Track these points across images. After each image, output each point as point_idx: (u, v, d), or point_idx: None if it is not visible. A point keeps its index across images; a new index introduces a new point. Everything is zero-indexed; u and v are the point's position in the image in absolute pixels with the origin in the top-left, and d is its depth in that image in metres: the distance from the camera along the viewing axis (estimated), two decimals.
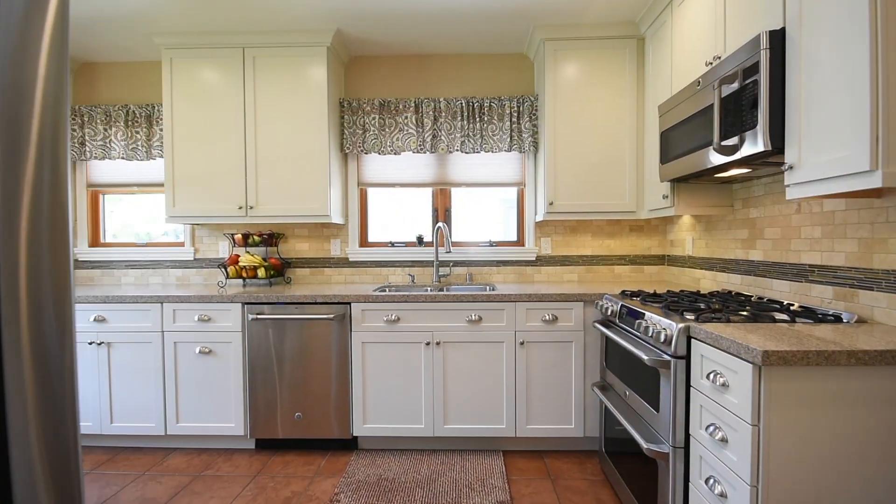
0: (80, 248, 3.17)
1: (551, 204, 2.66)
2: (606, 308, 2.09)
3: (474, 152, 2.93)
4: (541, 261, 3.03)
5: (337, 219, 2.87)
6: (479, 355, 2.38)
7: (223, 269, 2.91)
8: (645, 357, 1.55)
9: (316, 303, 2.42)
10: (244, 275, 2.84)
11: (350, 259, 3.07)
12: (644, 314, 1.72)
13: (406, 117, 2.93)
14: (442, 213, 3.13)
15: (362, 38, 2.80)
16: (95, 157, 3.05)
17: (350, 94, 3.08)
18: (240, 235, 2.87)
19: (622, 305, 1.94)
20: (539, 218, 2.85)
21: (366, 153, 2.97)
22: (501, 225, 3.18)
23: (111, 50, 2.99)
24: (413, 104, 2.91)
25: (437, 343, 2.38)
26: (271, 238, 2.93)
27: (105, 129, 3.07)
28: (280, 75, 2.73)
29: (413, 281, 2.98)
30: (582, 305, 2.34)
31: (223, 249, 3.12)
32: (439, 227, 2.86)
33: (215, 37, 2.71)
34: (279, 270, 2.96)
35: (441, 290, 2.88)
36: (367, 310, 2.40)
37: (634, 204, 2.64)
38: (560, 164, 2.66)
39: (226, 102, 2.74)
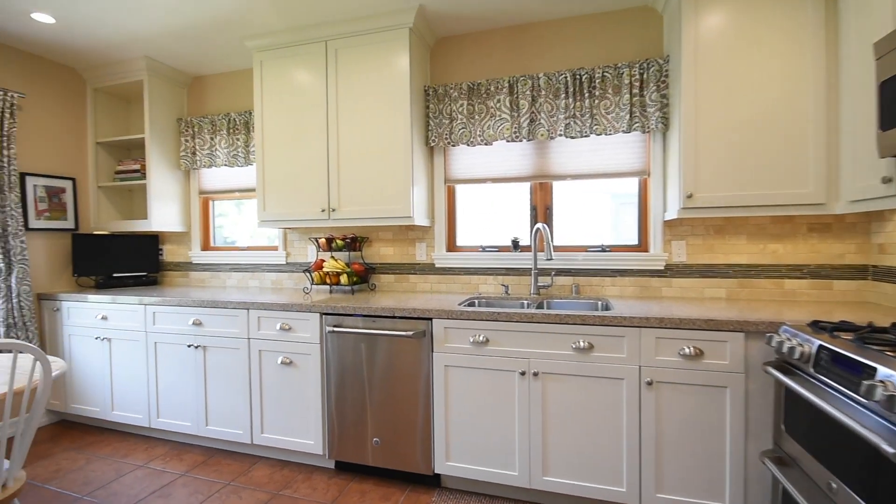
0: (194, 252, 3.37)
1: (689, 197, 2.01)
2: (788, 346, 1.42)
3: (582, 136, 2.39)
4: (671, 270, 2.37)
5: (421, 220, 2.57)
6: (590, 393, 1.86)
7: (308, 275, 2.81)
8: (889, 448, 0.92)
9: (394, 317, 2.14)
10: (328, 281, 2.70)
11: (436, 265, 2.76)
12: (874, 368, 1.06)
13: (498, 100, 2.50)
14: (542, 211, 2.64)
15: (447, 13, 2.45)
16: (204, 166, 3.20)
17: (436, 81, 2.76)
18: (324, 239, 2.74)
19: (821, 346, 1.28)
20: (671, 215, 2.21)
21: (453, 145, 2.62)
22: (614, 225, 2.57)
23: (215, 62, 3.10)
24: (507, 84, 2.48)
25: (535, 373, 1.92)
26: (354, 242, 2.75)
27: (211, 139, 3.20)
28: (361, 66, 2.51)
29: (507, 292, 2.55)
30: (742, 337, 1.68)
31: (312, 254, 3.05)
32: (538, 228, 2.39)
33: (299, 33, 2.60)
34: (363, 276, 2.76)
35: (540, 305, 2.40)
36: (450, 328, 2.04)
37: (824, 192, 1.85)
38: (703, 144, 1.99)
39: (310, 101, 2.62)
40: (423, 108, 2.62)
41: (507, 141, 2.51)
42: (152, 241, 3.40)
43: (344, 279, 2.65)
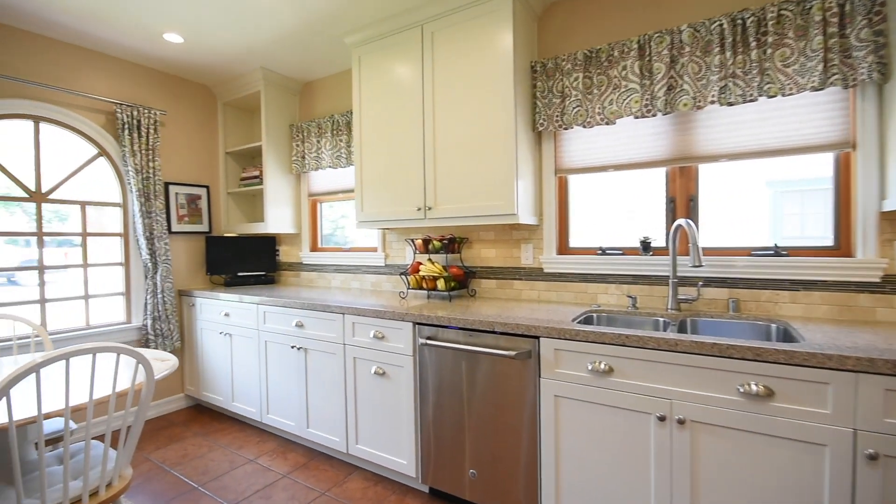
0: (304, 252, 3.48)
1: None
2: None
3: (746, 100, 1.78)
4: (891, 284, 1.64)
5: (527, 218, 2.21)
6: (767, 460, 1.32)
7: (404, 278, 2.65)
8: None
9: (493, 332, 1.83)
10: (424, 285, 2.50)
11: (545, 270, 2.37)
12: None
13: (624, 67, 2.02)
14: (682, 204, 2.08)
15: None
16: (311, 169, 3.27)
17: (544, 54, 2.37)
18: (420, 241, 2.54)
19: None
20: (893, 205, 1.51)
21: (565, 128, 2.20)
22: (776, 219, 1.90)
23: (320, 65, 3.13)
24: (635, 46, 1.98)
25: (680, 420, 1.44)
26: (452, 243, 2.50)
27: (317, 141, 3.25)
28: (458, 47, 2.24)
29: (634, 305, 2.05)
30: None
31: (410, 255, 2.89)
32: (680, 225, 1.86)
33: (395, 20, 2.43)
34: (461, 281, 2.51)
35: (682, 325, 1.87)
36: (562, 349, 1.66)
37: None
38: None
39: (406, 93, 2.44)
40: (528, 88, 2.26)
41: (636, 117, 2.01)
42: (270, 243, 3.61)
43: (441, 284, 2.42)
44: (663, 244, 2.13)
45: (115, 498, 1.44)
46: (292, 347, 2.58)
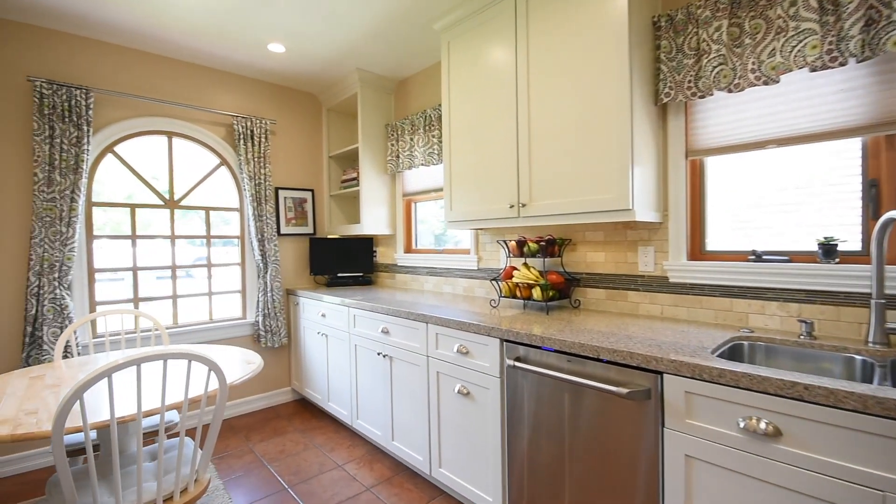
0: (398, 254, 3.41)
1: None
2: None
3: None
4: None
5: (646, 214, 1.76)
6: None
7: (496, 285, 2.36)
8: None
9: (598, 359, 1.44)
10: (518, 293, 2.18)
11: (671, 279, 1.87)
12: None
13: (793, 2, 1.45)
14: (893, 189, 1.43)
15: None
16: (405, 168, 3.17)
17: (671, 4, 1.87)
18: (514, 242, 2.23)
19: None
20: None
21: (700, 95, 1.69)
22: None
23: (413, 59, 3.01)
24: None
25: None
26: (552, 245, 2.14)
27: (410, 139, 3.14)
28: (557, 13, 1.88)
29: (809, 334, 1.46)
30: None
31: (503, 259, 2.59)
32: (892, 218, 1.25)
33: None
34: (562, 290, 2.13)
35: (895, 367, 1.26)
36: (696, 393, 1.21)
37: None
38: None
39: (497, 77, 2.15)
40: (648, 52, 1.79)
41: (812, 69, 1.43)
42: (368, 244, 3.63)
43: (537, 293, 2.08)
44: (857, 247, 1.49)
45: (192, 502, 1.43)
46: (378, 354, 2.47)
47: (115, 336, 2.71)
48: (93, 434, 2.00)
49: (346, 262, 3.57)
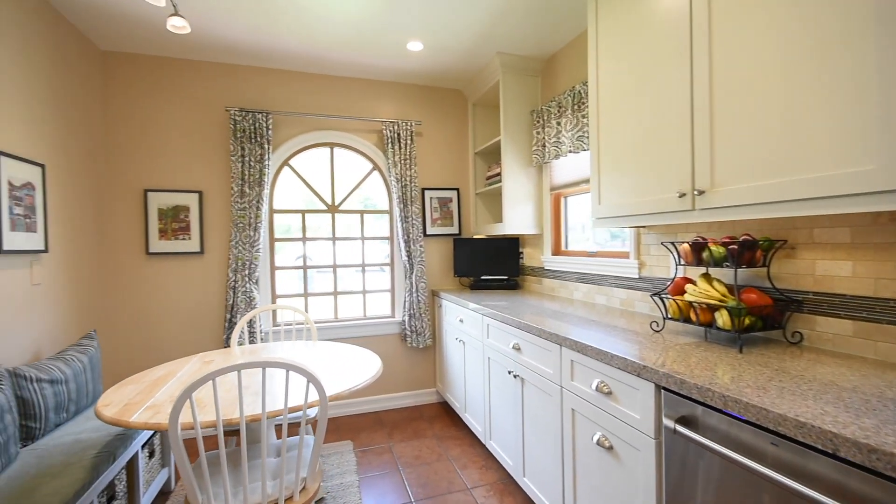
0: (545, 256, 3.01)
1: None
2: None
3: None
4: None
5: None
6: None
7: (661, 302, 1.76)
8: None
9: (836, 456, 0.82)
10: (693, 317, 1.56)
11: None
12: None
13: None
14: None
15: None
16: (552, 157, 2.75)
17: None
18: (686, 245, 1.61)
19: None
20: None
21: None
22: None
23: (558, 32, 2.57)
24: None
25: None
26: (749, 248, 1.45)
27: (557, 123, 2.70)
28: None
29: None
30: None
31: (674, 267, 1.95)
32: None
33: None
34: (768, 317, 1.43)
35: None
36: None
37: None
38: None
39: (660, 22, 1.57)
40: None
41: None
42: (514, 245, 3.32)
43: (722, 319, 1.44)
44: None
45: None
46: (509, 373, 2.16)
47: (288, 326, 3.09)
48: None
49: (491, 264, 3.34)
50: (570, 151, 2.54)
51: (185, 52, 2.81)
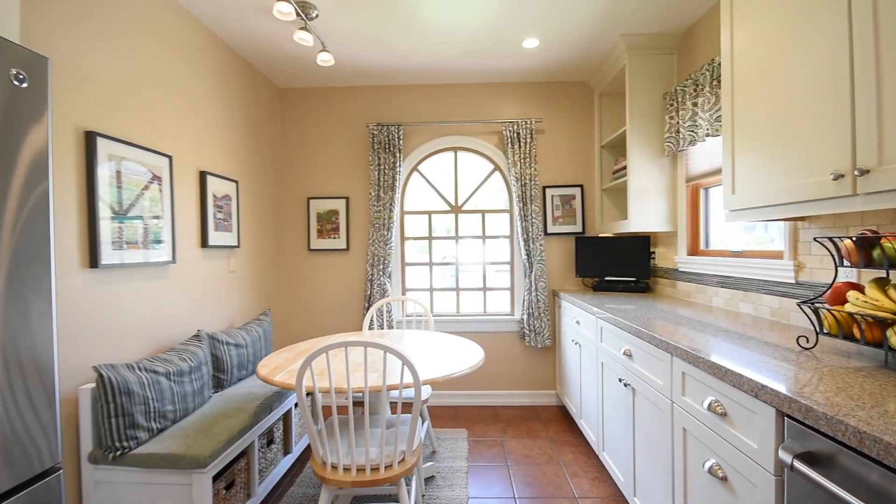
0: (679, 256, 2.66)
1: None
2: None
3: None
4: None
5: None
6: None
7: (811, 312, 1.41)
8: None
9: None
10: (858, 333, 1.23)
11: None
12: None
13: None
14: None
15: None
16: (687, 144, 2.43)
17: None
18: (849, 241, 1.27)
19: None
20: None
21: None
22: None
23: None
24: None
25: None
26: None
27: (693, 105, 2.37)
28: None
29: None
30: None
31: (836, 269, 1.54)
32: None
33: None
34: None
35: None
36: None
37: None
38: None
39: None
40: None
41: None
42: (643, 244, 3.02)
43: (895, 337, 1.10)
44: None
45: (394, 479, 1.57)
46: (619, 381, 1.99)
47: (409, 317, 3.39)
48: (358, 396, 2.54)
49: (617, 265, 3.10)
50: (708, 135, 2.21)
51: (335, 80, 3.33)
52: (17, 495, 0.97)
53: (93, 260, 1.71)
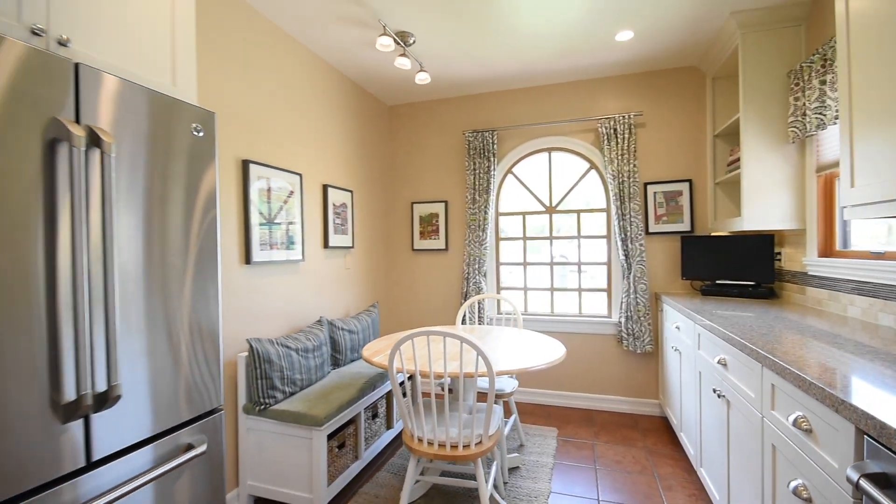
0: (809, 258, 2.33)
1: None
2: None
3: None
4: None
5: None
6: None
7: None
8: None
9: None
10: None
11: None
12: None
13: None
14: None
15: None
16: (816, 128, 2.13)
17: None
18: None
19: None
20: None
21: None
22: None
23: None
24: None
25: None
26: None
27: (820, 84, 2.07)
28: None
29: None
30: None
31: None
32: None
33: None
34: None
35: None
36: None
37: None
38: None
39: None
40: None
41: None
42: (766, 243, 2.69)
43: None
44: None
45: (470, 458, 1.74)
46: (713, 391, 1.85)
47: (499, 316, 3.51)
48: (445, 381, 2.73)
49: (733, 267, 2.80)
50: (837, 118, 1.91)
51: (433, 94, 3.62)
52: (194, 424, 1.39)
53: (247, 257, 2.22)
